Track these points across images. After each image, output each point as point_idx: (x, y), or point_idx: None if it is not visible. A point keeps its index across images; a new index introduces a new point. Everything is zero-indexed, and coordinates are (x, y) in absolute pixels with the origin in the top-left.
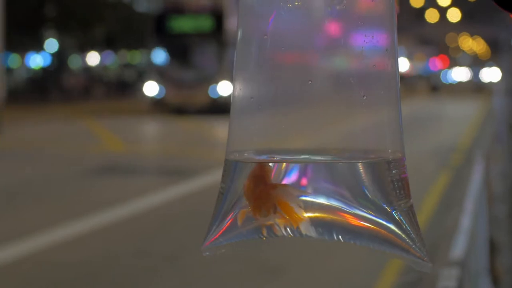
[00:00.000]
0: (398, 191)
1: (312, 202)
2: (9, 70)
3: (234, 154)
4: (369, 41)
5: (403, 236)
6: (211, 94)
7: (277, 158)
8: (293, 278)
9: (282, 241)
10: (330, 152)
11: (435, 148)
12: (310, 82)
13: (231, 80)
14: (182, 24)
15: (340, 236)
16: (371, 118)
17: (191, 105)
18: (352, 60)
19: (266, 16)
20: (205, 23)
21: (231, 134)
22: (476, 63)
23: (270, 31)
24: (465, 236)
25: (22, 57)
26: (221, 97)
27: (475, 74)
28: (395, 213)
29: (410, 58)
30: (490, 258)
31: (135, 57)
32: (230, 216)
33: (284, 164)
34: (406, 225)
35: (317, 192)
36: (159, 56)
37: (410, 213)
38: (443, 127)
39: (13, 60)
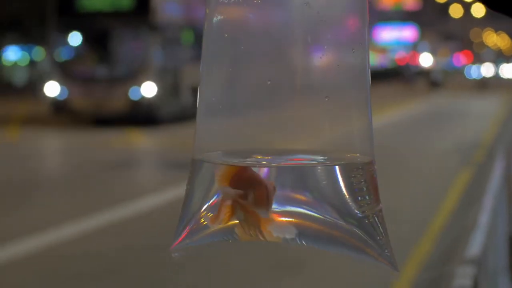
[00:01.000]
0: (366, 196)
1: (278, 206)
2: (33, 63)
3: (200, 154)
4: (332, 40)
5: (371, 242)
6: (131, 96)
7: (245, 160)
8: (313, 274)
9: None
10: (296, 155)
11: (457, 144)
12: (269, 83)
13: (161, 77)
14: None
15: (304, 242)
16: (337, 121)
17: (104, 110)
18: (314, 60)
19: (228, 11)
20: None
21: (198, 133)
22: (501, 58)
23: (231, 28)
24: (482, 234)
25: (46, 50)
26: (144, 98)
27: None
28: (363, 218)
29: (434, 53)
30: (510, 256)
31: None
32: (197, 217)
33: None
34: (375, 231)
35: (283, 196)
36: (62, 44)
37: (379, 219)
38: (465, 123)
39: (37, 53)
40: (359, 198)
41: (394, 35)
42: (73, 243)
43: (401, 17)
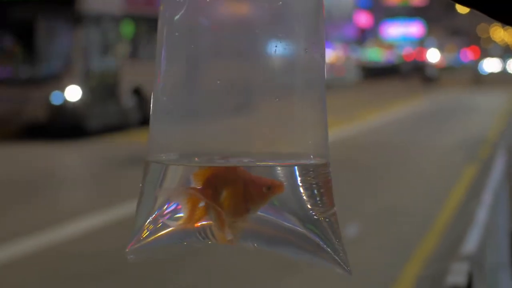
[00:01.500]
0: (318, 199)
1: None
2: None
3: (154, 155)
4: (283, 40)
5: (325, 246)
6: (53, 100)
7: (197, 161)
8: (314, 273)
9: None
10: (249, 157)
11: (463, 140)
12: (218, 82)
13: (90, 78)
14: None
15: (258, 245)
16: (288, 121)
17: (22, 117)
18: (264, 61)
19: (182, 8)
20: None
21: (151, 134)
22: (508, 53)
23: (182, 26)
24: (479, 230)
25: None
26: (67, 103)
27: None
28: (315, 221)
29: (441, 49)
30: (511, 253)
31: None
32: (151, 219)
33: (186, 168)
34: (328, 234)
35: None
36: None
37: (332, 222)
38: (471, 118)
39: None
40: (312, 201)
41: (400, 31)
42: None
43: (408, 12)
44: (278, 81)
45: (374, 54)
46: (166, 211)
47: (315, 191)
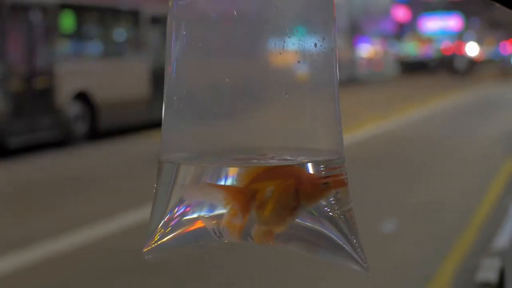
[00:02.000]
0: (332, 195)
1: None
2: None
3: (167, 155)
4: (291, 35)
5: (341, 243)
6: None
7: (211, 161)
8: (349, 268)
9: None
10: (265, 153)
11: (503, 133)
12: (227, 80)
13: (12, 82)
14: None
15: (272, 242)
16: (301, 118)
17: None
18: (273, 56)
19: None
20: None
21: (164, 133)
22: None
23: (191, 22)
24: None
25: None
26: None
27: None
28: (330, 218)
29: (479, 42)
30: None
31: None
32: (167, 219)
33: (216, 167)
34: (344, 231)
35: None
36: None
37: (348, 219)
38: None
39: None
40: (327, 197)
41: (439, 25)
42: None
43: (446, 6)
44: (288, 77)
45: (412, 49)
46: (181, 211)
47: (331, 188)
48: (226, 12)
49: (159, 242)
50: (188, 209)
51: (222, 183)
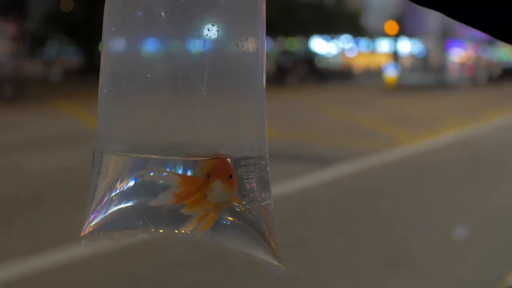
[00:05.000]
0: (245, 191)
1: None
2: None
3: (99, 144)
4: (212, 35)
5: (254, 237)
6: None
7: (139, 151)
8: (418, 272)
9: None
10: (180, 149)
11: None
12: (148, 76)
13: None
14: None
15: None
16: (219, 113)
17: None
18: (193, 53)
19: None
20: None
21: (98, 123)
22: None
23: (117, 21)
24: None
25: None
26: None
27: None
28: (246, 212)
29: None
30: None
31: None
32: (99, 207)
33: (138, 159)
34: (258, 225)
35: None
36: None
37: (263, 213)
38: None
39: None
40: (244, 192)
41: None
42: None
43: None
44: (207, 75)
45: (506, 54)
46: (110, 199)
47: (243, 183)
48: (153, 12)
49: (92, 229)
50: (116, 197)
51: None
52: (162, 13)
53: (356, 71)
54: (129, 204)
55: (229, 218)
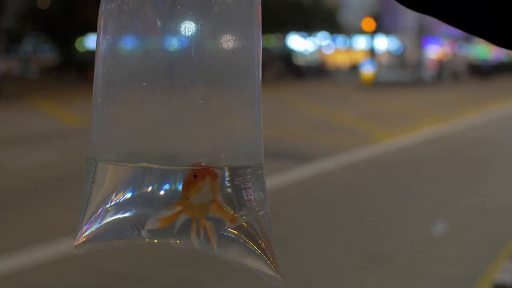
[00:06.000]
0: (242, 201)
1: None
2: None
3: (94, 153)
4: (209, 43)
5: (251, 247)
6: None
7: (134, 161)
8: (397, 268)
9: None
10: (177, 158)
11: None
12: (144, 84)
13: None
14: None
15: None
16: (217, 122)
17: None
18: (190, 61)
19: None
20: None
21: (91, 132)
22: None
23: (114, 29)
24: None
25: None
26: None
27: None
28: (239, 224)
29: None
30: None
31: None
32: (92, 216)
33: (133, 169)
34: (255, 235)
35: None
36: None
37: (261, 223)
38: None
39: None
40: (237, 203)
41: None
42: None
43: None
44: (204, 83)
45: (482, 51)
46: (105, 209)
47: (241, 193)
48: (148, 20)
49: (85, 239)
50: (111, 207)
51: (150, 185)
52: (158, 21)
53: (333, 68)
54: (124, 215)
55: (227, 228)
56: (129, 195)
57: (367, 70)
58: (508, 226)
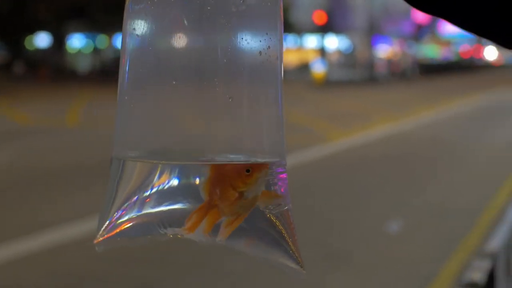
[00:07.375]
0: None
1: None
2: (96, 51)
3: (118, 151)
4: (236, 44)
5: (278, 242)
6: None
7: (161, 158)
8: (360, 265)
9: None
10: (204, 154)
11: None
12: (174, 83)
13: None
14: None
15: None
16: (244, 120)
17: None
18: (216, 60)
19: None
20: None
21: (116, 131)
22: None
23: (141, 19)
24: (508, 227)
25: (110, 37)
26: None
27: None
28: (266, 218)
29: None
30: None
31: None
32: (115, 213)
33: (160, 165)
34: (280, 231)
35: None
36: None
37: (285, 219)
38: None
39: (101, 40)
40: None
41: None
42: None
43: None
44: (233, 82)
45: (431, 51)
46: (129, 207)
47: (270, 189)
48: (176, 20)
49: (107, 236)
50: (137, 204)
51: (176, 180)
52: (186, 21)
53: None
54: (151, 211)
55: (250, 223)
56: (156, 192)
57: (318, 69)
58: (462, 224)
